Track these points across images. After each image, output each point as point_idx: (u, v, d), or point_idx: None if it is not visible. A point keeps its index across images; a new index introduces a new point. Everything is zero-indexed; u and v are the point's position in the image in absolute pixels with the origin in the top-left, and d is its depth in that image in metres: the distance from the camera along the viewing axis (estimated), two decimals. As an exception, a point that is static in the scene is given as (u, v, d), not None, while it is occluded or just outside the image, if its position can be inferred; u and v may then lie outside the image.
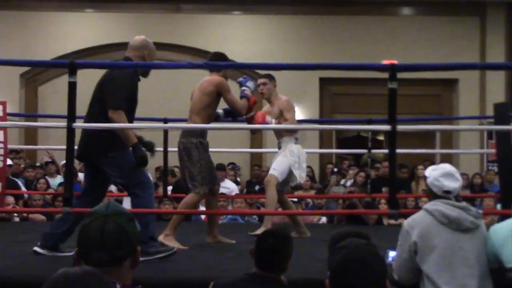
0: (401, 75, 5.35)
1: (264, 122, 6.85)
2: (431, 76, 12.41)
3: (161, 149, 8.17)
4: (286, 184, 7.19)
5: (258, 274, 3.48)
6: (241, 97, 6.63)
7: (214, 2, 13.65)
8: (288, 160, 7.04)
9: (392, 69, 5.26)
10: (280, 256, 3.48)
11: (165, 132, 8.01)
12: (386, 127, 5.35)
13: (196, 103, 6.48)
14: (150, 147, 5.79)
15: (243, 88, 6.58)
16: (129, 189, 5.50)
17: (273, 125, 6.93)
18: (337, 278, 2.41)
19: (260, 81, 7.29)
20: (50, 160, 10.94)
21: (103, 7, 13.60)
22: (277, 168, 7.07)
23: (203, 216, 9.23)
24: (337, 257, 2.44)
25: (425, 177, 4.04)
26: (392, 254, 4.38)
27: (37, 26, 13.41)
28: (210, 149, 6.51)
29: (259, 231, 6.20)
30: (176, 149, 6.67)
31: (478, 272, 3.71)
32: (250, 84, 6.61)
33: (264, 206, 9.88)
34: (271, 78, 7.29)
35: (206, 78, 6.60)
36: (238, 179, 11.60)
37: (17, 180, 9.78)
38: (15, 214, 8.61)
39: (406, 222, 3.90)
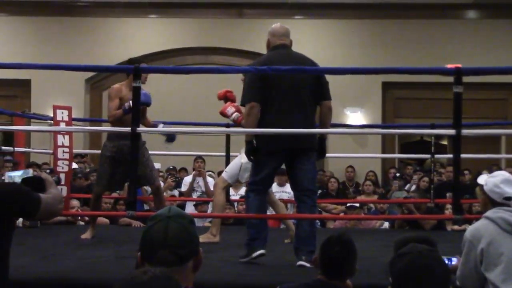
0: (465, 78, 5.28)
1: (225, 112, 6.69)
2: (497, 80, 12.20)
3: (223, 153, 8.23)
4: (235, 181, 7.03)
5: (324, 281, 3.44)
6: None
7: (276, 7, 13.67)
8: (240, 160, 6.84)
9: (458, 73, 5.19)
10: (346, 263, 3.43)
11: (228, 136, 8.05)
12: (451, 132, 5.28)
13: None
14: None
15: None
16: None
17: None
18: (400, 285, 2.38)
19: (241, 77, 7.09)
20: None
21: (166, 13, 13.75)
22: (227, 170, 6.94)
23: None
24: (400, 264, 2.41)
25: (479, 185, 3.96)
26: (454, 260, 4.31)
27: (101, 32, 13.63)
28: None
29: (203, 237, 6.21)
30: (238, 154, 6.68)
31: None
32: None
33: (325, 211, 9.86)
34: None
35: None
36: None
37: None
38: (79, 218, 8.74)
39: (468, 232, 3.82)
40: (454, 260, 4.30)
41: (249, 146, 5.52)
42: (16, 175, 3.24)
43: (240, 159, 6.76)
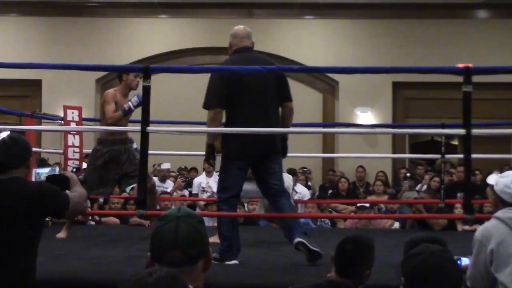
0: (476, 78, 5.26)
1: None
2: (507, 80, 12.15)
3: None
4: None
5: (336, 282, 3.43)
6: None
7: (286, 7, 13.66)
8: None
9: (467, 72, 5.17)
10: (358, 263, 3.41)
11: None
12: (461, 132, 5.26)
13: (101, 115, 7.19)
14: None
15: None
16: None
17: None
18: (412, 285, 2.38)
19: None
20: None
21: (177, 13, 13.76)
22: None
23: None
24: (412, 264, 2.40)
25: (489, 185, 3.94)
26: (464, 259, 4.30)
27: (112, 32, 13.65)
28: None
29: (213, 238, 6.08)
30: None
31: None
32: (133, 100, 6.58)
33: (336, 211, 9.85)
34: None
35: None
36: (310, 183, 11.56)
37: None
38: (90, 218, 8.76)
39: (478, 232, 3.80)
40: (464, 260, 4.28)
41: (210, 149, 5.59)
42: (43, 172, 3.29)
43: None
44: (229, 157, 5.53)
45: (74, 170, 6.80)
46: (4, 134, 3.53)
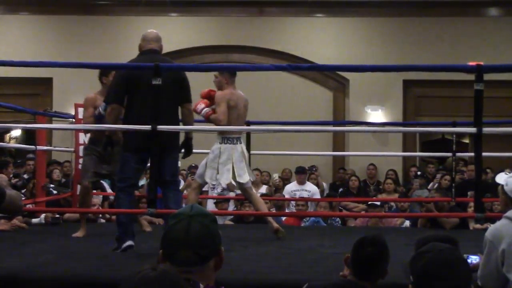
0: (487, 76, 5.24)
1: (195, 109, 6.74)
2: (519, 78, 12.12)
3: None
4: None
5: (353, 282, 3.42)
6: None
7: (297, 5, 13.64)
8: (205, 159, 6.93)
9: (479, 70, 5.16)
10: (378, 264, 3.41)
11: (248, 134, 8.05)
12: (472, 130, 5.25)
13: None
14: None
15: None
16: None
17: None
18: (421, 283, 2.38)
19: (214, 73, 7.14)
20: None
21: (187, 11, 13.76)
22: (198, 171, 7.15)
23: (283, 218, 9.23)
24: (421, 262, 2.40)
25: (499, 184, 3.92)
26: (474, 258, 4.29)
27: (123, 31, 13.66)
28: (292, 152, 6.48)
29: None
30: (258, 152, 6.68)
31: None
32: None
33: (346, 209, 9.84)
34: (221, 72, 7.07)
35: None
36: (317, 181, 11.57)
37: (103, 181, 9.96)
38: (101, 215, 8.78)
39: (489, 232, 3.79)
40: (474, 259, 4.28)
41: (106, 140, 6.09)
42: None
43: (206, 158, 6.91)
44: (128, 150, 5.83)
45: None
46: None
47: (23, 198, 8.18)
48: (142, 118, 5.63)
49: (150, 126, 5.50)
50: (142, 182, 10.11)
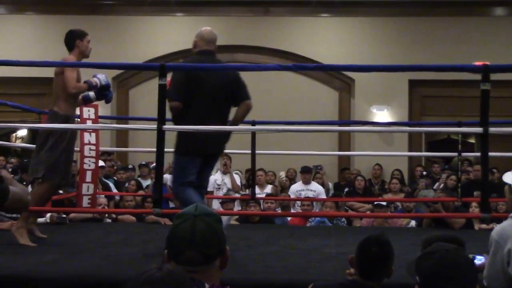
0: (493, 76, 5.23)
1: None
2: (525, 78, 12.09)
3: (249, 151, 8.23)
4: None
5: (359, 282, 3.42)
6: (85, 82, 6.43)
7: (302, 5, 13.64)
8: None
9: (485, 70, 5.15)
10: (383, 264, 3.40)
11: (253, 134, 8.04)
12: (478, 130, 5.24)
13: (55, 87, 6.49)
14: None
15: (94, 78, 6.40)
16: None
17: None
18: (427, 283, 2.37)
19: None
20: (144, 162, 11.11)
21: (193, 11, 13.77)
22: None
23: (289, 218, 9.24)
24: (427, 262, 2.40)
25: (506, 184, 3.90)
26: (479, 258, 4.28)
27: (128, 30, 13.68)
28: (297, 152, 6.45)
29: None
30: (264, 152, 6.67)
31: None
32: (101, 77, 6.42)
33: (352, 209, 9.83)
34: None
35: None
36: (322, 180, 11.57)
37: (108, 181, 9.98)
38: (106, 215, 8.79)
39: (495, 232, 3.77)
40: (479, 259, 4.26)
41: None
42: None
43: None
44: (184, 154, 5.71)
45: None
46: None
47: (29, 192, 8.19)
48: (203, 118, 5.62)
49: (155, 126, 5.51)
50: (148, 182, 10.14)
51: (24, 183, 6.68)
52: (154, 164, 6.15)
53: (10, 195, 3.00)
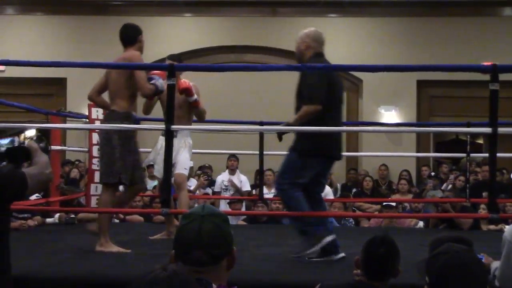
0: (502, 76, 5.22)
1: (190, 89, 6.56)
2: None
3: (257, 152, 8.22)
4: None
5: (365, 283, 3.41)
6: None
7: (310, 5, 13.63)
8: (190, 155, 6.85)
9: (494, 70, 5.14)
10: (389, 264, 3.39)
11: (261, 134, 8.04)
12: (487, 130, 5.23)
13: (113, 85, 6.12)
14: None
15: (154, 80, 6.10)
16: None
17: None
18: (437, 284, 2.37)
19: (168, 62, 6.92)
20: (152, 163, 11.10)
21: (201, 11, 13.78)
22: (186, 167, 6.86)
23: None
24: (438, 263, 2.39)
25: None
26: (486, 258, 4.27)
27: (136, 31, 13.69)
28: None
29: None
30: (271, 152, 6.65)
31: None
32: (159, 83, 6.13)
33: (360, 210, 9.82)
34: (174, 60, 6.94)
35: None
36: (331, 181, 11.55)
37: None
38: (114, 215, 8.79)
39: (508, 232, 3.75)
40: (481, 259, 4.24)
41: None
42: (3, 143, 3.13)
43: (189, 153, 6.88)
44: (311, 156, 5.61)
45: (35, 138, 5.81)
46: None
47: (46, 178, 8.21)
48: (337, 121, 5.69)
49: (163, 126, 5.51)
50: (154, 183, 10.14)
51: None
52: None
53: (29, 181, 2.91)
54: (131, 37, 6.40)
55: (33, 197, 8.14)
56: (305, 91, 5.58)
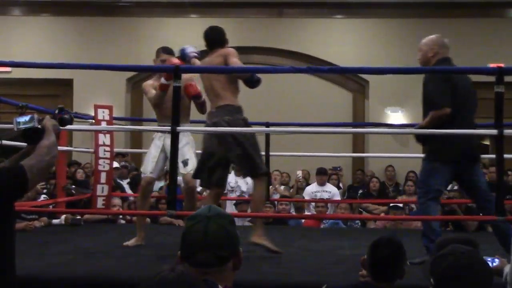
0: (507, 78, 5.22)
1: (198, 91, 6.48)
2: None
3: (263, 153, 8.22)
4: None
5: (371, 284, 3.41)
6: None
7: (316, 6, 13.63)
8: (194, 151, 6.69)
9: (499, 72, 5.14)
10: (395, 265, 3.39)
11: (267, 136, 8.04)
12: (493, 132, 5.22)
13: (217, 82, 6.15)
14: None
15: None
16: None
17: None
18: (442, 285, 2.36)
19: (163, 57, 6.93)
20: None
21: (207, 12, 13.78)
22: (195, 165, 6.48)
23: (303, 220, 9.22)
24: (442, 264, 2.39)
25: None
26: (491, 260, 4.25)
27: (143, 32, 13.71)
28: (311, 154, 6.42)
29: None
30: (278, 153, 6.62)
31: None
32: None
33: (366, 211, 9.81)
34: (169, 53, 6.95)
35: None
36: (341, 184, 11.54)
37: (121, 182, 10.00)
38: (121, 216, 8.81)
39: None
40: (492, 261, 4.23)
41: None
42: (22, 120, 3.10)
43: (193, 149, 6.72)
44: (439, 160, 5.86)
45: (57, 111, 5.46)
46: None
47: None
48: (468, 124, 5.70)
49: (169, 127, 5.51)
50: (161, 183, 10.15)
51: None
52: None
53: (28, 174, 2.82)
54: (220, 39, 6.73)
55: (40, 198, 8.16)
56: (429, 98, 5.83)
